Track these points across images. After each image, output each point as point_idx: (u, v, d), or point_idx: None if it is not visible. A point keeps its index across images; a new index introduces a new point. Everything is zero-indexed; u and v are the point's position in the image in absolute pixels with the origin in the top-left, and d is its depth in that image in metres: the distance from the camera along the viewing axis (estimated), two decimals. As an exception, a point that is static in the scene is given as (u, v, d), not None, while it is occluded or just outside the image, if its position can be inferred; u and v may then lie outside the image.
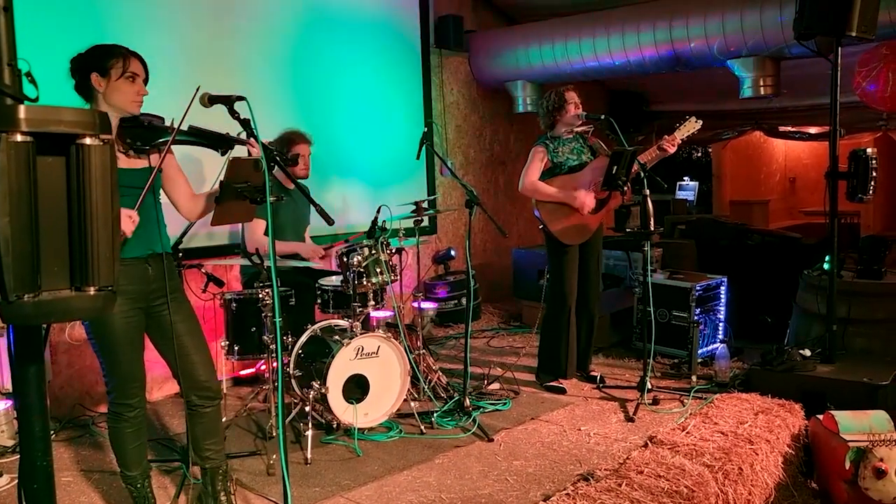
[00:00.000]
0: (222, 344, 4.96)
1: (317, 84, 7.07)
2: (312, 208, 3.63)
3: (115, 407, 3.47)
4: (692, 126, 5.49)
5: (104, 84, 3.28)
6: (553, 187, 5.56)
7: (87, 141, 1.66)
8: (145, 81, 3.38)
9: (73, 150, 1.67)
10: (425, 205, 5.58)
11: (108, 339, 3.36)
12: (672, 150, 5.43)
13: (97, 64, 3.28)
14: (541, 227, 5.71)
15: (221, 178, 3.38)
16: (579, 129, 5.68)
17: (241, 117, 3.32)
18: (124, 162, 3.33)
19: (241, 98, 3.29)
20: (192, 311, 3.66)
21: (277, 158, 3.51)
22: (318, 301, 5.26)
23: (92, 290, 1.70)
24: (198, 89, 3.26)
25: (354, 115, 7.45)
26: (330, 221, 3.49)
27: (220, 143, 3.47)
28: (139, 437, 3.57)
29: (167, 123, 3.43)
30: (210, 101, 3.31)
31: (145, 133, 3.36)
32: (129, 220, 3.12)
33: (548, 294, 5.80)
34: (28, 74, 1.76)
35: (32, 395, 1.93)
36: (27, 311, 1.69)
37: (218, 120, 3.41)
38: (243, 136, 3.43)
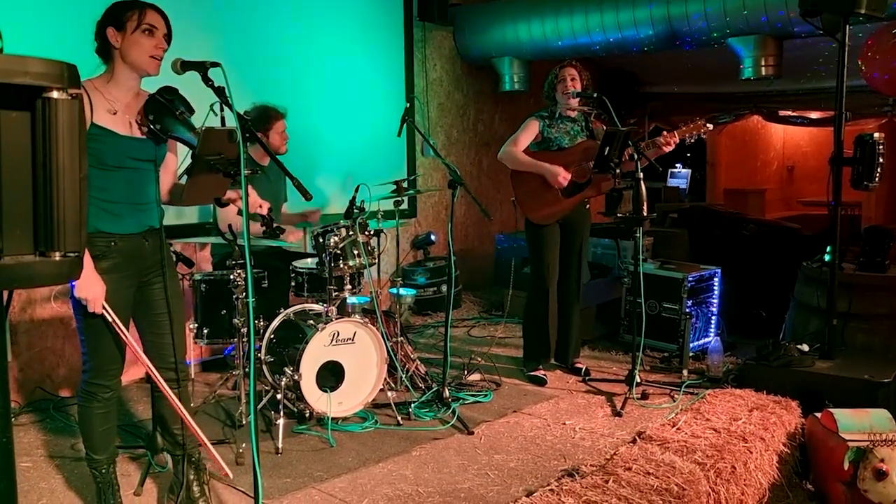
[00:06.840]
0: (190, 326, 4.94)
1: (291, 55, 7.03)
2: (288, 184, 3.62)
3: (90, 386, 3.48)
4: (699, 127, 5.48)
5: (120, 38, 3.26)
6: (530, 158, 5.58)
7: (55, 95, 1.61)
8: (167, 38, 3.36)
9: (39, 104, 1.63)
10: (405, 185, 5.55)
11: (94, 317, 3.32)
12: (671, 147, 5.47)
13: (113, 18, 3.27)
14: (512, 199, 5.74)
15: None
16: (582, 108, 5.67)
17: (216, 85, 3.28)
18: (124, 129, 3.34)
19: (215, 64, 3.24)
20: (179, 289, 3.75)
21: (253, 132, 3.49)
22: (292, 284, 5.24)
23: (57, 256, 1.67)
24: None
25: (331, 88, 7.41)
26: (307, 196, 3.47)
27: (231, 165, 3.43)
28: (109, 420, 3.58)
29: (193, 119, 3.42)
30: (182, 67, 3.28)
31: (170, 121, 3.35)
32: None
33: (528, 277, 5.87)
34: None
35: (-9, 368, 1.89)
36: (-12, 276, 1.65)
37: (189, 87, 3.39)
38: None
